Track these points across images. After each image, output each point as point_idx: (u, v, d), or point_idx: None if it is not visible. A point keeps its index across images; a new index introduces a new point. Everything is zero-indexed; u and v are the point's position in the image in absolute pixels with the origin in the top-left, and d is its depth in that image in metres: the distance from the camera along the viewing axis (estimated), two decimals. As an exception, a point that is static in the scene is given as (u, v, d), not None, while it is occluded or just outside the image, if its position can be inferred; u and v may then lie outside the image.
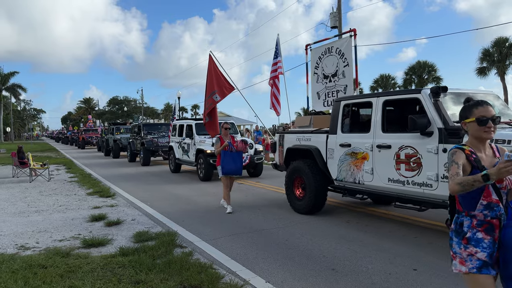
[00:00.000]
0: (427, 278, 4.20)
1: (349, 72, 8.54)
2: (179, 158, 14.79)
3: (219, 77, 9.60)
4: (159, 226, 6.57)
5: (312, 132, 7.44)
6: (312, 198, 7.02)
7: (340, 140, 6.61)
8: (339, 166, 6.61)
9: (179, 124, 15.35)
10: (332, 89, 9.05)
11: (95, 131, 39.63)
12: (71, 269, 4.46)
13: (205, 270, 4.35)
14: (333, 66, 8.99)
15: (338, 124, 6.73)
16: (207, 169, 12.34)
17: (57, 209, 8.13)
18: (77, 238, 5.89)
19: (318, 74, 9.48)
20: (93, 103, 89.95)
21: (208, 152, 12.25)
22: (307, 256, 4.99)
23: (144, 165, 18.01)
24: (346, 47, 8.58)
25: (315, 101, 9.53)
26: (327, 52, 9.24)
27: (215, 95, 9.45)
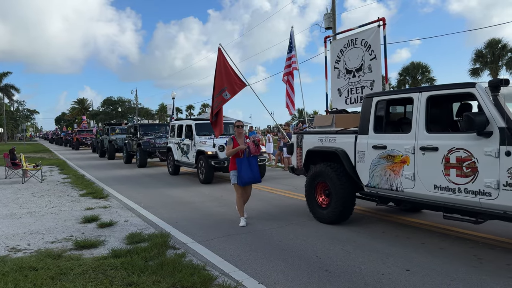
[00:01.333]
0: (420, 278, 4.21)
1: (376, 65, 7.74)
2: (178, 160, 14.21)
3: (229, 73, 8.84)
4: (152, 228, 6.54)
5: (337, 132, 6.72)
6: (338, 206, 6.30)
7: (373, 142, 5.89)
8: (371, 170, 5.91)
9: (178, 124, 14.68)
10: (356, 85, 8.23)
11: (90, 131, 39.01)
12: (63, 271, 4.42)
13: (198, 272, 4.34)
14: (357, 59, 8.16)
15: (370, 123, 6.00)
16: (208, 172, 11.77)
17: (49, 210, 8.08)
18: (69, 240, 5.85)
19: (340, 69, 8.64)
20: (87, 104, 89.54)
21: (209, 153, 11.75)
22: (300, 257, 4.99)
23: (140, 166, 17.56)
24: (374, 38, 7.79)
25: (336, 99, 8.74)
26: (350, 45, 8.37)
27: (225, 93, 8.75)
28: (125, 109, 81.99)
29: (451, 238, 5.66)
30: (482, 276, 4.22)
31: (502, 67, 39.00)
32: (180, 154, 13.98)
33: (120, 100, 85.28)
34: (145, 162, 17.67)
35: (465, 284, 4.03)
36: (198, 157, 12.27)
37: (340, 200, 6.28)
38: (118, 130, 24.67)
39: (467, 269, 4.43)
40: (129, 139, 19.74)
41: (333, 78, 8.88)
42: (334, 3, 20.64)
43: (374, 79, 7.85)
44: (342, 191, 6.26)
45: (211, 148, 11.75)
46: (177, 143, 14.24)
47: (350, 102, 8.47)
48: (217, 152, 11.63)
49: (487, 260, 4.70)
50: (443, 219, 5.23)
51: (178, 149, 14.14)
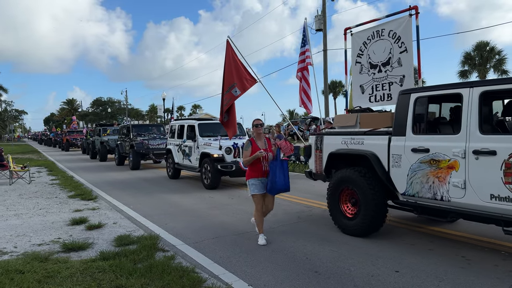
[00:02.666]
0: (409, 279, 4.23)
1: (407, 59, 7.04)
2: (178, 163, 13.17)
3: (239, 68, 8.22)
4: (141, 230, 6.49)
5: (366, 133, 6.02)
6: (368, 216, 5.65)
7: (411, 144, 5.22)
8: (409, 177, 5.25)
9: (178, 124, 13.63)
10: (382, 81, 7.45)
11: (80, 132, 38.09)
12: (50, 274, 4.37)
13: (187, 274, 4.31)
14: (384, 52, 7.39)
15: (408, 123, 5.35)
16: (214, 176, 10.79)
17: (37, 212, 7.97)
18: (56, 242, 5.78)
19: (362, 63, 7.83)
20: (76, 104, 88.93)
21: (215, 156, 10.77)
22: (290, 258, 4.98)
23: (133, 169, 16.86)
24: (404, 29, 7.06)
25: (358, 96, 7.94)
26: (375, 36, 7.57)
27: (234, 89, 8.14)
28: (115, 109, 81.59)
29: (440, 239, 5.70)
30: (470, 277, 4.25)
31: (490, 69, 39.56)
32: (181, 156, 13.04)
33: (110, 101, 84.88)
34: (138, 165, 17.04)
35: (453, 285, 4.06)
36: (203, 160, 11.33)
37: (371, 210, 5.61)
38: (109, 131, 23.99)
39: (456, 270, 4.46)
40: (122, 140, 19.10)
41: (354, 73, 8.07)
42: (325, 5, 20.72)
43: (404, 74, 7.14)
44: (373, 199, 5.60)
45: (217, 151, 10.85)
46: (177, 145, 13.29)
47: (375, 100, 7.66)
48: (223, 154, 10.78)
49: (475, 261, 4.74)
50: (434, 222, 5.25)
51: (178, 151, 13.20)
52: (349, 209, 6.09)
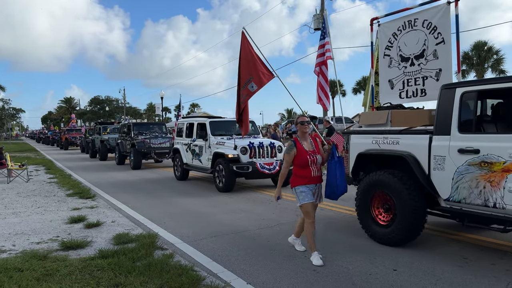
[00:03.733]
0: (406, 278, 4.25)
1: (444, 51, 6.47)
2: (187, 163, 12.39)
3: (255, 61, 7.71)
4: (139, 228, 6.49)
5: (401, 132, 5.46)
6: (405, 225, 5.11)
7: (458, 144, 4.69)
8: (455, 181, 4.72)
9: (187, 122, 12.87)
10: (415, 75, 6.88)
11: (79, 131, 37.63)
12: (48, 272, 4.37)
13: (186, 273, 4.32)
14: (417, 44, 6.82)
15: (454, 121, 4.82)
16: (229, 178, 10.03)
17: (35, 210, 7.97)
18: (55, 241, 5.78)
19: (392, 56, 7.25)
20: (74, 103, 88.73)
21: (230, 156, 10.03)
22: (289, 257, 5.00)
23: (134, 168, 16.39)
24: (441, 18, 6.49)
25: (386, 92, 7.35)
26: (407, 27, 6.99)
27: (250, 84, 7.64)
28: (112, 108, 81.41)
29: (437, 238, 5.73)
30: (468, 276, 4.28)
31: (488, 69, 39.67)
32: (190, 156, 12.27)
33: (107, 99, 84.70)
34: (139, 164, 16.59)
35: (450, 284, 4.09)
36: (216, 160, 10.56)
37: (409, 217, 5.07)
38: (109, 129, 23.48)
39: (453, 269, 4.48)
40: (122, 139, 18.59)
41: (382, 67, 7.48)
42: (323, 4, 20.75)
43: (441, 67, 6.55)
44: (412, 206, 5.05)
45: (232, 151, 10.12)
46: (186, 144, 12.52)
47: (406, 96, 7.05)
48: (239, 155, 10.07)
49: (473, 260, 4.77)
50: (433, 219, 5.27)
51: (187, 151, 12.43)
52: (382, 215, 5.55)
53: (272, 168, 9.99)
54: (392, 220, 5.35)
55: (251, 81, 7.61)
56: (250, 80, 7.63)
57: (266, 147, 10.33)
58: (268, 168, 9.96)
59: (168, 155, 16.71)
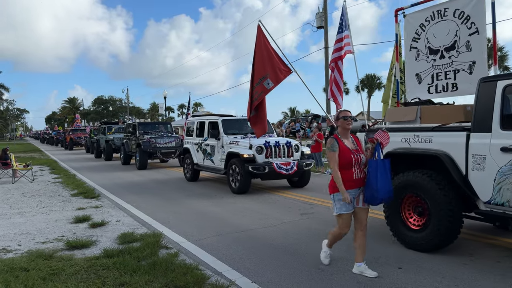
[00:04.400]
0: (411, 276, 4.24)
1: (478, 42, 6.06)
2: (198, 164, 11.96)
3: (272, 56, 7.29)
4: (144, 227, 6.51)
5: (434, 129, 5.08)
6: (441, 229, 4.74)
7: (501, 142, 4.32)
8: (497, 182, 4.35)
9: (197, 121, 12.40)
10: (445, 68, 6.45)
11: (83, 131, 37.42)
12: (54, 272, 4.39)
13: (191, 271, 4.32)
14: (448, 35, 6.41)
15: (495, 117, 4.44)
16: (244, 179, 9.53)
17: (40, 210, 8.01)
18: (60, 240, 5.81)
19: (419, 48, 6.84)
20: (78, 103, 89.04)
21: (245, 156, 9.55)
22: (293, 255, 5.00)
23: (140, 168, 16.15)
24: (475, 6, 6.05)
25: (413, 86, 6.92)
26: (436, 17, 6.56)
27: (266, 81, 7.22)
28: (116, 108, 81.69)
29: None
30: (473, 273, 4.26)
31: (491, 66, 39.46)
32: (201, 156, 11.82)
33: (111, 99, 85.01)
34: (145, 164, 16.40)
35: (455, 281, 4.07)
36: (230, 160, 10.12)
37: (444, 221, 4.70)
38: (114, 129, 23.16)
39: (458, 267, 4.47)
40: (127, 139, 18.44)
41: (408, 61, 7.07)
42: (326, 2, 20.70)
43: (474, 59, 6.15)
44: (448, 209, 4.69)
45: (247, 150, 9.65)
46: (197, 144, 12.07)
47: (435, 91, 6.61)
48: (254, 155, 9.58)
49: (478, 258, 4.75)
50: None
51: (198, 151, 11.98)
52: (414, 219, 5.17)
53: (290, 169, 9.55)
54: (425, 224, 4.97)
55: (267, 78, 7.24)
56: (266, 77, 7.26)
57: (283, 146, 9.90)
58: (285, 168, 9.52)
59: (174, 154, 16.69)
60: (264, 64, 7.28)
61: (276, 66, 7.23)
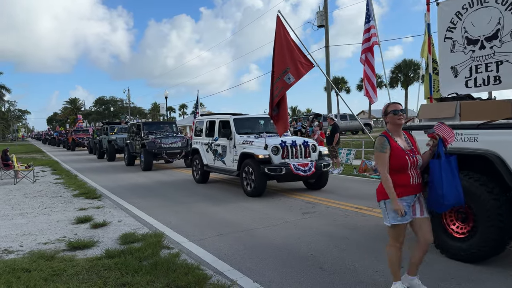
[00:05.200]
0: (413, 275, 4.22)
1: None
2: (208, 165, 11.41)
3: (292, 49, 6.85)
4: (146, 228, 6.51)
5: (479, 126, 4.51)
6: (489, 239, 4.26)
7: None
8: None
9: (207, 120, 11.81)
10: (486, 60, 5.86)
11: (86, 131, 37.01)
12: (56, 273, 4.40)
13: (192, 271, 4.33)
14: (489, 24, 5.85)
15: None
16: (259, 181, 8.98)
17: (42, 211, 8.02)
18: (62, 241, 5.81)
19: (455, 39, 6.26)
20: (79, 103, 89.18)
21: (260, 157, 8.94)
22: (295, 255, 5.00)
23: (145, 170, 15.74)
24: None
25: (448, 81, 6.35)
26: (474, 4, 6.01)
27: (287, 75, 6.79)
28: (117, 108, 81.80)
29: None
30: (483, 274, 4.24)
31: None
32: (211, 157, 11.27)
33: (112, 100, 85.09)
34: (150, 165, 15.97)
35: (459, 281, 4.06)
36: (243, 161, 9.54)
37: (494, 228, 4.21)
38: (117, 129, 22.95)
39: (463, 266, 4.45)
40: (131, 139, 17.95)
41: (442, 53, 6.49)
42: (326, 1, 20.68)
43: None
44: (497, 216, 4.19)
45: (263, 151, 9.03)
46: (206, 144, 11.51)
47: (474, 85, 6.01)
48: (270, 155, 8.99)
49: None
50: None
51: (208, 151, 11.42)
52: (458, 226, 4.65)
53: (308, 170, 9.03)
54: (470, 232, 4.47)
55: (288, 72, 6.82)
56: (286, 71, 6.83)
57: (300, 146, 9.30)
58: (303, 169, 9.00)
59: (180, 155, 16.34)
60: (285, 58, 6.84)
61: (297, 60, 6.82)
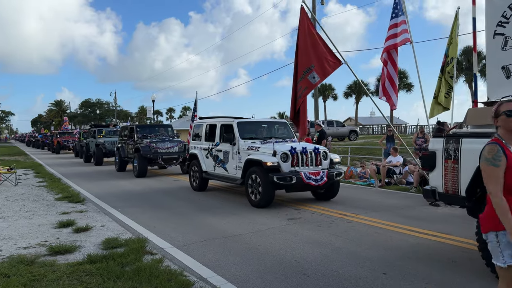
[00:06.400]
0: (396, 282, 4.25)
1: None
2: (207, 172, 10.64)
3: (317, 45, 6.22)
4: (129, 233, 6.44)
5: None
6: None
7: None
8: None
9: (206, 124, 11.04)
10: None
11: (71, 134, 36.28)
12: (36, 278, 4.31)
13: (175, 277, 4.29)
14: None
15: None
16: (267, 191, 8.20)
17: (23, 215, 7.87)
18: (43, 245, 5.71)
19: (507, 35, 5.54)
20: (64, 106, 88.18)
21: (268, 164, 8.17)
22: (279, 261, 4.99)
23: (139, 176, 14.57)
24: None
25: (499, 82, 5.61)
26: None
27: (311, 74, 6.26)
28: (103, 111, 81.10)
29: (426, 241, 5.75)
30: (458, 278, 4.30)
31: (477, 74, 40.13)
32: (211, 163, 10.50)
33: (98, 102, 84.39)
34: (145, 171, 14.83)
35: (440, 287, 4.10)
36: (249, 169, 8.78)
37: None
38: (105, 132, 22.19)
39: (442, 272, 4.50)
40: (123, 143, 16.85)
41: (491, 51, 5.78)
42: (315, 8, 20.85)
43: None
44: None
45: (271, 158, 8.28)
46: (206, 149, 10.76)
47: None
48: (279, 163, 8.26)
49: (463, 263, 4.79)
50: (419, 223, 5.30)
51: (208, 157, 10.66)
52: None
53: (319, 179, 8.31)
54: None
55: (312, 70, 6.29)
56: (310, 69, 6.30)
57: (310, 153, 8.62)
58: (314, 178, 8.28)
59: (177, 161, 15.41)
60: (309, 54, 6.28)
61: (323, 57, 6.24)
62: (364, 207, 8.25)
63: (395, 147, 12.83)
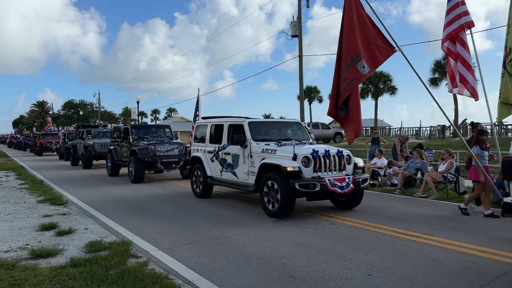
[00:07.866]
0: (382, 283, 4.28)
1: None
2: (213, 177, 9.68)
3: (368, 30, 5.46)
4: (113, 235, 6.35)
5: None
6: None
7: None
8: None
9: (211, 124, 10.10)
10: None
11: (55, 135, 35.23)
12: (17, 282, 4.22)
13: (160, 281, 4.24)
14: None
15: None
16: (287, 199, 7.26)
17: (4, 218, 7.70)
18: (24, 249, 5.59)
19: None
20: (47, 107, 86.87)
21: (288, 170, 7.19)
22: (266, 263, 4.97)
23: (135, 182, 13.36)
24: None
25: None
26: None
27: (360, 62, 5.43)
28: (87, 112, 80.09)
29: (411, 243, 5.81)
30: (441, 280, 4.34)
31: (459, 77, 40.76)
32: (217, 168, 9.54)
33: (82, 103, 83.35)
34: (142, 176, 13.51)
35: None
36: (264, 174, 7.81)
37: None
38: (93, 133, 21.12)
39: (427, 273, 4.55)
40: (116, 145, 15.65)
41: None
42: (300, 11, 20.96)
43: None
44: None
45: (291, 162, 7.34)
46: (211, 152, 9.81)
47: None
48: (300, 167, 7.34)
49: (446, 264, 4.85)
50: (404, 224, 5.36)
51: (213, 161, 9.72)
52: None
53: (345, 186, 7.39)
54: None
55: (361, 59, 5.49)
56: (359, 57, 5.50)
57: (333, 156, 7.64)
58: (339, 185, 7.35)
59: (177, 164, 14.14)
60: (356, 41, 5.50)
61: (373, 43, 5.47)
62: (348, 209, 8.32)
63: (380, 149, 12.98)
